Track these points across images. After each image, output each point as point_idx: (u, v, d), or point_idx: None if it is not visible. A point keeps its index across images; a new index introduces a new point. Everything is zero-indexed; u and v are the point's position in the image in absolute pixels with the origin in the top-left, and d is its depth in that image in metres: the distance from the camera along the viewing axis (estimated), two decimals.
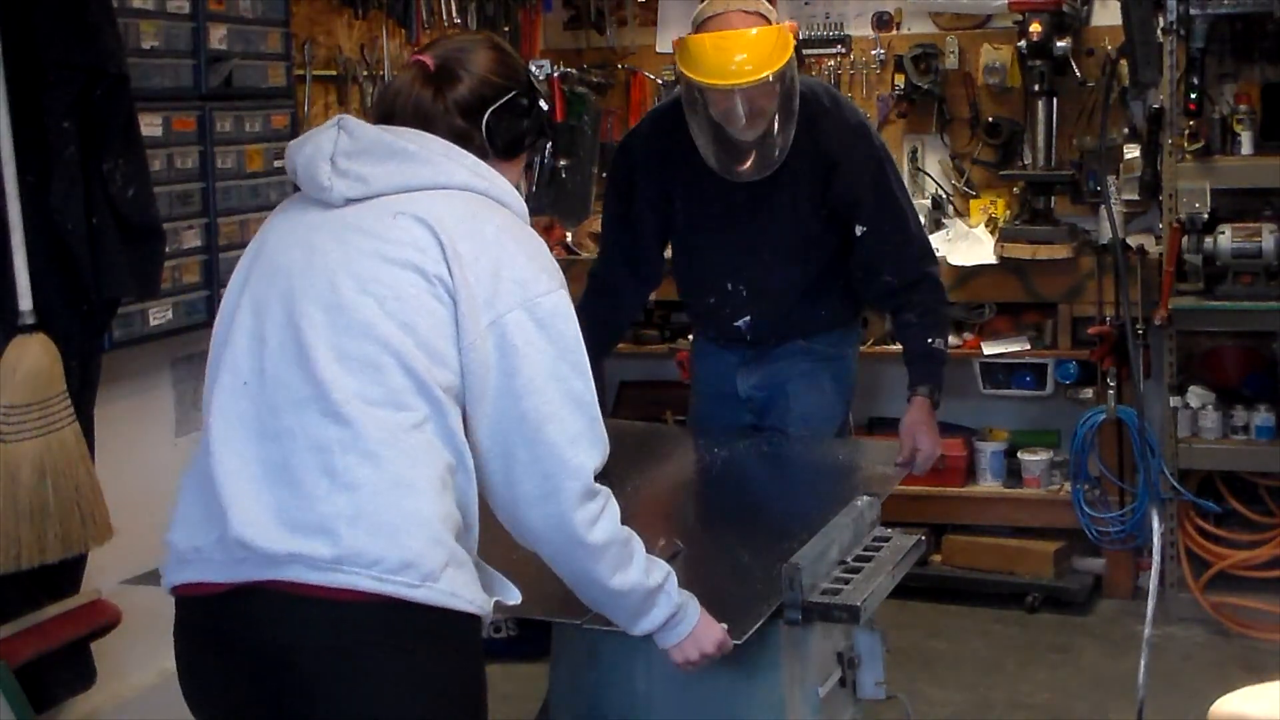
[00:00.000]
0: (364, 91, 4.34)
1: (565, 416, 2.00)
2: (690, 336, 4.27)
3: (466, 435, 1.99)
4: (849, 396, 3.62)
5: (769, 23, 3.16)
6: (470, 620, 1.96)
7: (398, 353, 1.94)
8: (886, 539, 2.72)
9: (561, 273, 2.09)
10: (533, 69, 5.22)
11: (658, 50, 5.55)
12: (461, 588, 1.93)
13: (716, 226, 3.39)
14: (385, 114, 2.15)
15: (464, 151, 2.09)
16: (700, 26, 3.17)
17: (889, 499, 4.94)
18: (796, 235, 3.35)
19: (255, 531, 1.89)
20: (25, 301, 2.82)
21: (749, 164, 3.22)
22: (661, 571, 2.16)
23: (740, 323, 3.46)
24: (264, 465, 1.93)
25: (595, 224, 4.83)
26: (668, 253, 3.63)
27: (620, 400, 5.63)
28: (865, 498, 2.80)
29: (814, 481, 3.26)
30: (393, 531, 1.88)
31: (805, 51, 5.41)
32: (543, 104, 2.21)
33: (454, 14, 4.75)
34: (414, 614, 1.90)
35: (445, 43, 2.21)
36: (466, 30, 4.65)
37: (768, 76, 3.09)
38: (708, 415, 3.61)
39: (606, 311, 3.51)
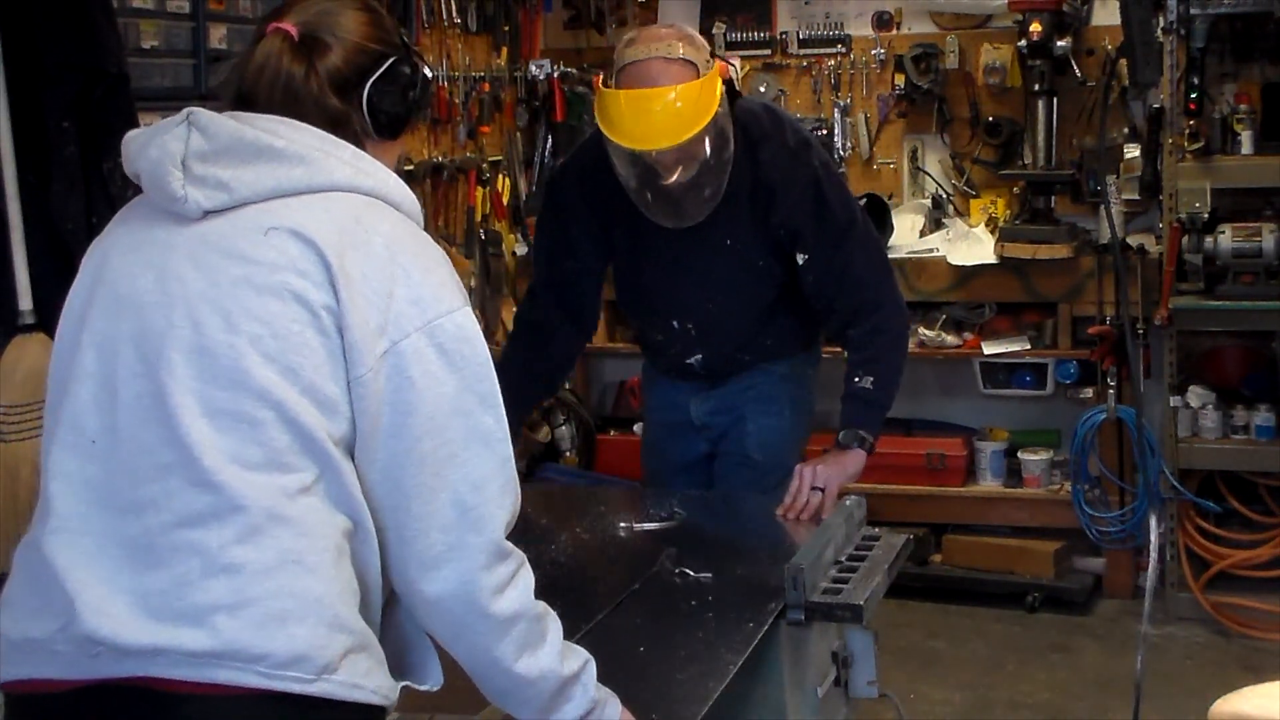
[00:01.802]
0: None
1: (471, 458, 1.68)
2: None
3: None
4: (808, 418, 3.39)
5: (694, 68, 2.86)
6: (375, 712, 1.67)
7: (279, 404, 1.62)
8: (876, 538, 2.72)
9: (463, 286, 1.77)
10: (533, 69, 5.24)
11: None
12: (363, 676, 1.64)
13: (658, 265, 3.15)
14: (244, 97, 1.76)
15: (341, 141, 1.74)
16: (619, 74, 2.89)
17: (889, 499, 5.00)
18: (743, 271, 3.12)
19: (112, 624, 1.57)
20: (25, 301, 2.82)
21: (679, 211, 3.00)
22: (579, 659, 1.82)
23: (691, 360, 3.24)
24: (120, 543, 1.61)
25: None
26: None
27: (619, 401, 5.64)
28: (853, 497, 2.80)
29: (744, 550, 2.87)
30: (282, 619, 1.58)
31: (805, 51, 5.43)
32: (426, 70, 1.88)
33: (454, 14, 4.76)
34: (309, 710, 1.60)
35: (303, 5, 1.81)
36: None
37: (687, 140, 2.85)
38: (662, 445, 3.39)
39: (539, 361, 3.26)
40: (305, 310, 1.64)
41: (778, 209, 3.04)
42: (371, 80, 1.78)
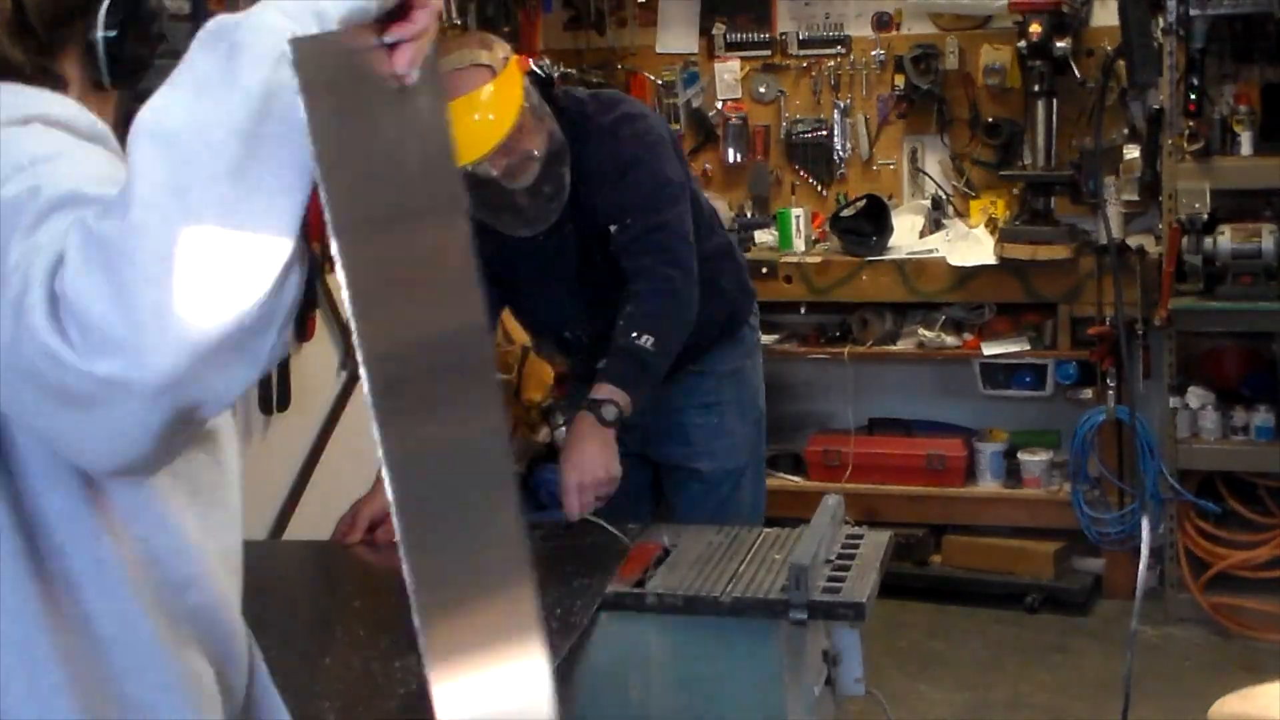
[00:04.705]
0: None
1: None
2: None
3: None
4: (758, 412, 3.25)
5: (490, 71, 2.72)
6: None
7: None
8: (860, 536, 2.73)
9: None
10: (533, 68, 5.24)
11: (658, 50, 5.56)
12: None
13: (527, 281, 3.01)
14: None
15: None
16: None
17: (889, 499, 5.00)
18: (604, 269, 2.95)
19: None
20: None
21: (526, 218, 2.86)
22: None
23: (601, 365, 2.97)
24: None
25: None
26: None
27: None
28: (834, 496, 2.79)
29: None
30: None
31: (805, 52, 5.43)
32: None
33: (454, 14, 4.76)
34: None
35: None
36: None
37: (499, 143, 2.71)
38: None
39: None
40: None
41: (595, 191, 2.90)
42: (104, 9, 1.24)
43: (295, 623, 2.54)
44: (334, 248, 1.06)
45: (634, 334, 2.79)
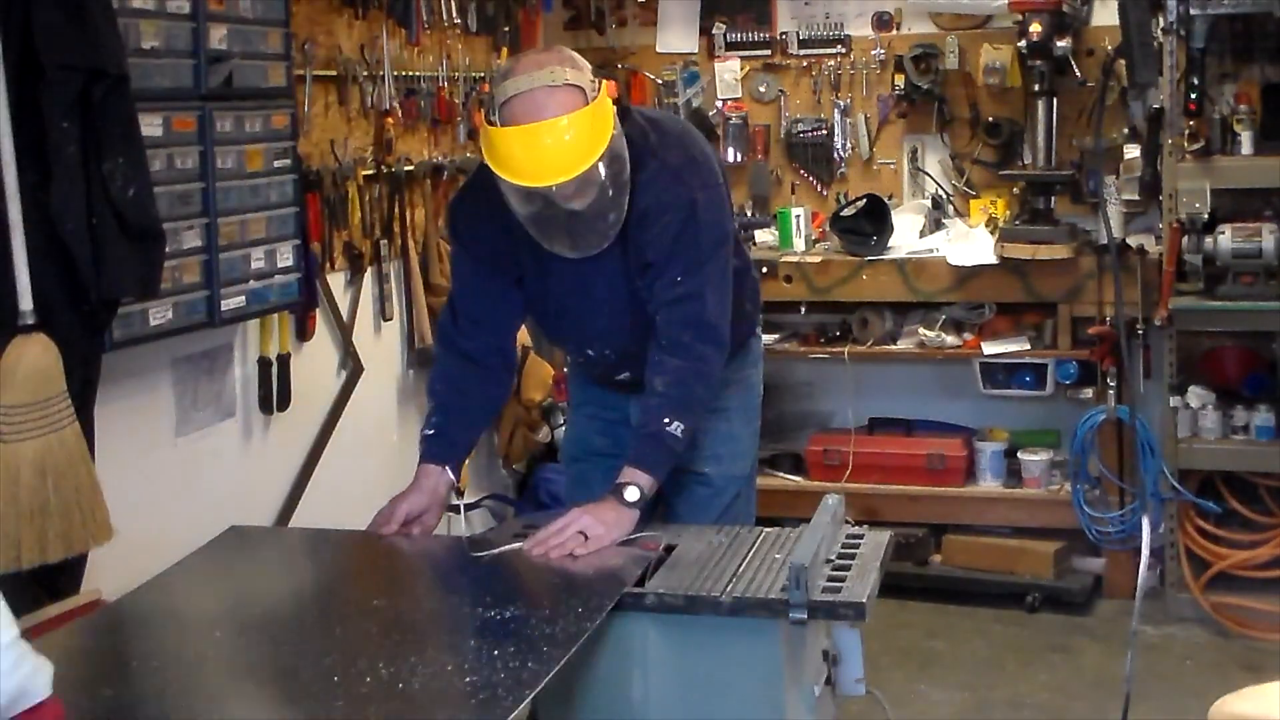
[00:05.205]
0: (364, 91, 4.35)
1: None
2: None
3: None
4: (757, 420, 3.27)
5: (581, 93, 2.73)
6: None
7: None
8: (860, 536, 2.73)
9: None
10: None
11: (658, 50, 5.56)
12: None
13: (563, 294, 3.01)
14: None
15: None
16: (503, 109, 2.73)
17: (889, 499, 5.00)
18: (635, 293, 2.95)
19: None
20: (25, 301, 2.81)
21: (584, 241, 2.85)
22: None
23: (621, 377, 3.09)
24: None
25: None
26: None
27: None
28: (834, 495, 2.79)
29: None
30: None
31: (805, 51, 5.43)
32: None
33: (454, 14, 4.76)
34: None
35: None
36: None
37: (585, 170, 2.72)
38: (591, 440, 3.24)
39: (497, 391, 3.14)
40: None
41: (648, 229, 2.88)
42: None
43: (314, 615, 2.56)
44: None
45: (666, 420, 2.81)
